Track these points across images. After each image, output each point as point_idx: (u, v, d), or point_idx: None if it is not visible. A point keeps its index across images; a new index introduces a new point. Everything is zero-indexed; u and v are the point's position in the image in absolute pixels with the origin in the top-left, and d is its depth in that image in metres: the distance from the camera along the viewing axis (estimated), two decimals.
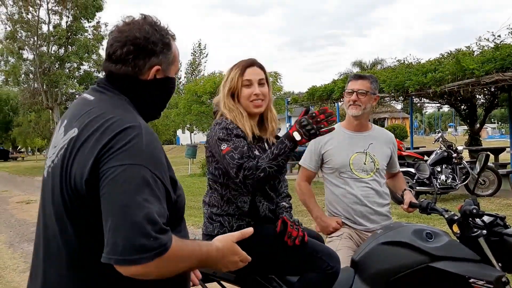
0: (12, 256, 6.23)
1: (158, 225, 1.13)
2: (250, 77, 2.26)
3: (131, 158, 1.18)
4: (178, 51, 1.50)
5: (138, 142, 1.21)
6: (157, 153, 1.25)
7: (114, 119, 1.26)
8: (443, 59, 12.25)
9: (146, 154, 1.21)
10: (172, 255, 1.16)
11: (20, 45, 28.08)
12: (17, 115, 39.92)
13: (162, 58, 1.43)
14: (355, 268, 2.33)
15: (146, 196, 1.15)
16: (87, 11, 27.67)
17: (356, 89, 2.85)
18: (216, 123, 2.22)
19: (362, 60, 43.30)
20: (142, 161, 1.19)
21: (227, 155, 2.07)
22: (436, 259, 2.19)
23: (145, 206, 1.13)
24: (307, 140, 2.07)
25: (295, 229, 2.13)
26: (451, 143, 9.65)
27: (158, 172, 1.21)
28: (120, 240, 1.10)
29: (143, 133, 1.24)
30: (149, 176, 1.18)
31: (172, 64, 1.47)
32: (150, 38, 1.39)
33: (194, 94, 20.49)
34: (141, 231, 1.10)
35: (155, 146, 1.26)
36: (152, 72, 1.41)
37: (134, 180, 1.16)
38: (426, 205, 2.55)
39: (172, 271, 1.22)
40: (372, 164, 2.85)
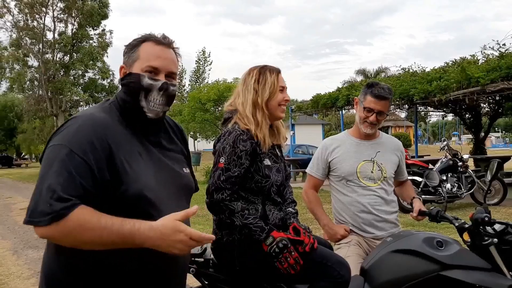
0: (16, 263, 6.21)
1: (56, 193, 1.29)
2: (282, 84, 2.30)
3: (58, 140, 1.42)
4: (151, 49, 1.59)
5: (70, 127, 1.44)
6: (86, 136, 1.40)
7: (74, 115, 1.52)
8: (448, 67, 12.26)
9: (73, 136, 1.40)
10: (72, 223, 1.30)
11: (25, 52, 28.21)
12: (22, 122, 39.98)
13: (127, 58, 1.61)
14: (365, 277, 2.30)
15: (56, 169, 1.33)
16: (92, 19, 27.83)
17: (377, 110, 2.76)
18: (229, 132, 2.18)
19: (366, 68, 43.39)
20: (65, 141, 1.39)
21: (217, 171, 2.11)
22: (447, 267, 2.16)
23: (51, 177, 1.32)
24: (268, 252, 2.03)
25: (307, 236, 2.11)
26: (457, 152, 9.61)
27: (81, 152, 1.37)
28: (30, 205, 1.33)
29: (81, 121, 1.46)
30: (65, 153, 1.36)
31: (135, 61, 1.58)
32: (127, 44, 1.64)
33: (198, 102, 20.49)
34: (42, 198, 1.30)
35: (89, 130, 1.42)
36: (119, 71, 1.63)
37: (52, 156, 1.37)
38: (436, 213, 2.53)
39: (78, 239, 1.33)
40: (379, 172, 2.82)
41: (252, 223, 2.05)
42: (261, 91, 2.25)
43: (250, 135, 2.16)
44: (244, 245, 2.11)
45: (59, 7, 27.91)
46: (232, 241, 2.13)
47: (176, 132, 1.83)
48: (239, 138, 2.13)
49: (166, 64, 1.60)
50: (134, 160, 1.49)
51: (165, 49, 1.61)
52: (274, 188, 2.19)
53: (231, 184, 2.08)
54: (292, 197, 2.41)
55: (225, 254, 2.17)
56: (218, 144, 2.20)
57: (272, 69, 2.30)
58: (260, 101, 2.24)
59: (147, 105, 1.57)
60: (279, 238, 2.03)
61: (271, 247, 2.03)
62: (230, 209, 2.07)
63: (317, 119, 39.43)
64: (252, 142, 2.15)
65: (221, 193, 2.07)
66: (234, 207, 2.07)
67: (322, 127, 41.13)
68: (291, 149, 20.98)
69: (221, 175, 2.09)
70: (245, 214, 2.06)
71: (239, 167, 2.11)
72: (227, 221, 2.08)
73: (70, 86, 28.32)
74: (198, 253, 2.23)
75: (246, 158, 2.12)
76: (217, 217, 2.17)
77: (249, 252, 2.11)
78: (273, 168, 2.21)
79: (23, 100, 34.24)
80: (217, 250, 2.20)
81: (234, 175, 2.09)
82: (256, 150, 2.16)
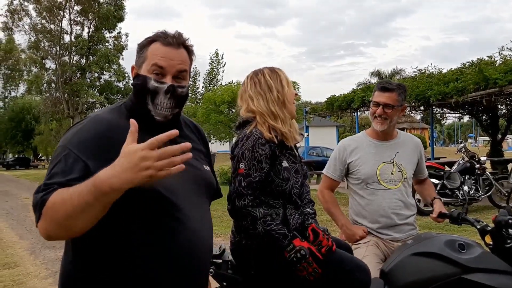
0: (33, 263, 6.28)
1: (41, 186, 1.33)
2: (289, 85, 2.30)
3: (61, 141, 1.45)
4: (158, 50, 1.53)
5: (73, 129, 1.47)
6: (86, 135, 1.42)
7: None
8: (465, 68, 12.11)
9: (73, 136, 1.43)
10: (49, 204, 1.29)
11: (43, 55, 28.62)
12: (39, 124, 40.58)
13: (137, 59, 1.58)
14: (385, 280, 2.28)
15: (51, 167, 1.38)
16: (108, 22, 28.19)
17: (382, 103, 2.74)
18: (247, 137, 2.13)
19: (381, 70, 43.06)
20: (66, 142, 1.42)
21: (237, 177, 2.08)
22: (469, 271, 2.12)
23: (48, 175, 1.36)
24: (287, 259, 2.01)
25: (326, 239, 2.09)
26: (474, 154, 9.49)
27: (77, 149, 1.38)
28: (33, 195, 1.36)
29: (85, 122, 1.48)
30: (64, 154, 1.38)
31: (143, 62, 1.54)
32: (138, 43, 1.60)
33: (212, 103, 20.57)
34: (36, 190, 1.34)
35: (89, 130, 1.44)
36: (132, 72, 1.59)
37: (53, 158, 1.42)
38: (457, 215, 2.49)
39: (56, 219, 1.28)
40: (399, 173, 2.78)
41: (274, 229, 2.02)
42: (280, 88, 2.23)
43: (269, 138, 2.13)
44: (262, 250, 2.09)
45: (76, 10, 28.28)
46: (251, 245, 2.11)
47: (194, 131, 1.79)
48: (257, 142, 2.09)
49: (173, 64, 1.52)
50: None
51: (173, 49, 1.53)
52: (294, 190, 2.16)
53: (252, 189, 2.05)
54: (309, 197, 2.38)
55: (242, 257, 2.16)
56: (236, 149, 2.16)
57: (277, 68, 2.31)
58: (281, 97, 2.22)
59: (154, 108, 1.51)
60: (299, 247, 2.01)
61: (290, 254, 2.01)
62: (252, 215, 2.03)
63: (331, 121, 39.33)
64: (271, 145, 2.12)
65: (243, 199, 2.04)
66: (256, 213, 2.03)
67: (337, 129, 40.96)
68: (305, 151, 20.93)
69: (242, 181, 2.05)
70: (267, 220, 2.03)
71: (260, 172, 2.08)
72: (250, 227, 2.05)
73: (86, 88, 28.71)
74: (217, 254, 2.22)
75: (266, 162, 2.09)
76: (239, 223, 2.14)
77: (266, 257, 2.09)
78: (291, 169, 2.18)
79: (40, 102, 34.79)
80: (236, 252, 2.19)
81: (255, 180, 2.06)
82: (275, 152, 2.13)
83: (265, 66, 2.33)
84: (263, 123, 2.17)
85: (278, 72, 2.27)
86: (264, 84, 2.24)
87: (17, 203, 14.19)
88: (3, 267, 6.03)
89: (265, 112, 2.20)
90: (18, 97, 55.25)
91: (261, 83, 2.25)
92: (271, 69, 2.29)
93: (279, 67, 2.31)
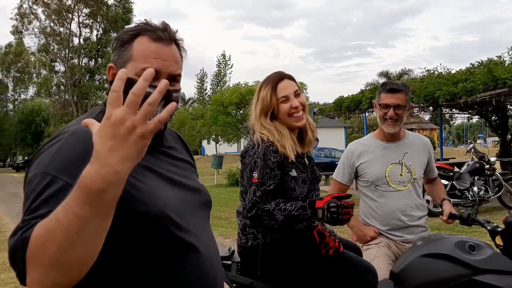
0: None
1: (18, 226, 1.00)
2: (285, 93, 2.19)
3: (35, 166, 1.13)
4: (147, 47, 1.25)
5: (50, 149, 1.14)
6: (71, 156, 1.10)
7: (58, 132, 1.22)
8: (474, 68, 12.05)
9: (53, 158, 1.10)
10: (33, 241, 0.93)
11: (52, 58, 28.89)
12: (48, 126, 40.85)
13: (115, 55, 1.28)
14: (395, 281, 2.27)
15: (31, 200, 1.04)
16: (116, 25, 28.40)
17: (393, 104, 2.70)
18: (257, 145, 2.14)
19: (389, 70, 42.91)
20: (45, 167, 1.09)
21: (252, 187, 2.07)
22: (479, 272, 2.12)
23: (26, 211, 1.04)
24: (325, 222, 2.02)
25: (332, 240, 2.09)
26: (484, 154, 9.41)
27: (64, 174, 1.06)
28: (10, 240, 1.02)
29: (65, 138, 1.14)
30: (45, 180, 1.06)
31: (127, 61, 1.24)
32: (119, 36, 1.28)
33: (220, 105, 20.62)
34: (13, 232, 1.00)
35: (74, 148, 1.11)
36: (107, 72, 1.31)
37: (32, 188, 1.07)
38: (467, 216, 2.48)
39: (50, 254, 0.91)
40: (408, 174, 2.77)
41: (291, 209, 2.01)
42: (254, 109, 2.24)
43: (276, 148, 2.12)
44: (268, 251, 2.10)
45: (85, 13, 28.50)
46: (257, 245, 2.12)
47: (178, 140, 1.56)
48: (269, 149, 2.09)
49: (167, 65, 1.26)
50: (143, 175, 1.20)
51: (164, 47, 1.27)
52: (299, 199, 2.15)
53: (266, 197, 2.05)
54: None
55: (249, 258, 2.16)
56: (247, 158, 2.15)
57: (267, 81, 2.24)
58: (257, 117, 2.22)
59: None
60: (325, 205, 1.95)
61: (326, 216, 1.95)
62: (267, 210, 2.03)
63: (339, 122, 39.25)
64: (278, 154, 2.11)
65: (257, 209, 2.04)
66: (268, 206, 2.03)
67: (345, 130, 40.89)
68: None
69: (256, 190, 2.05)
70: (281, 206, 2.03)
71: (274, 179, 2.07)
72: (271, 222, 2.03)
73: (95, 91, 28.93)
74: (226, 256, 2.23)
75: (278, 169, 2.09)
76: (263, 224, 2.08)
77: (272, 258, 2.10)
78: (299, 179, 2.16)
79: (50, 105, 35.06)
80: (242, 253, 2.20)
81: (270, 189, 2.06)
82: (284, 161, 2.12)
83: (273, 73, 2.30)
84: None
85: (262, 88, 2.24)
86: (253, 101, 2.28)
87: None
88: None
89: (257, 126, 2.23)
90: (27, 100, 55.72)
91: (254, 97, 2.29)
92: (262, 84, 2.27)
93: (279, 76, 2.26)
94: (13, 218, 11.10)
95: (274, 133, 2.15)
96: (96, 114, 1.25)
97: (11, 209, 13.13)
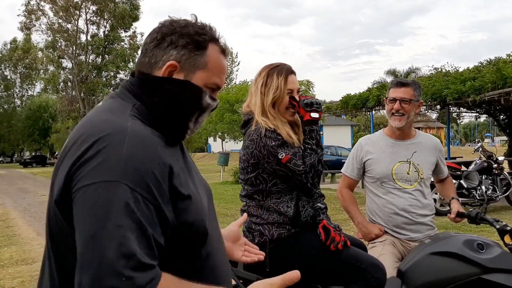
0: None
1: (134, 259, 0.88)
2: (292, 87, 2.23)
3: (104, 174, 0.94)
4: (220, 61, 1.21)
5: (115, 152, 0.97)
6: (144, 165, 0.98)
7: (93, 127, 1.03)
8: (482, 67, 11.94)
9: (126, 166, 0.95)
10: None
11: (60, 54, 29.02)
12: (56, 122, 41.21)
13: (184, 54, 1.15)
14: (402, 279, 2.26)
15: (120, 222, 0.90)
16: (124, 21, 28.48)
17: (399, 98, 2.72)
18: (261, 131, 2.15)
19: (396, 69, 42.68)
20: (118, 176, 0.94)
21: (290, 163, 2.09)
22: (488, 271, 2.10)
23: (118, 236, 0.88)
24: (321, 113, 2.23)
25: (338, 235, 2.09)
26: (492, 153, 9.36)
27: (142, 189, 0.95)
28: (86, 280, 0.87)
29: (126, 140, 0.99)
30: (127, 195, 0.92)
31: (200, 68, 1.16)
32: (177, 29, 1.15)
33: (226, 103, 20.61)
34: (110, 269, 0.86)
35: (141, 155, 0.99)
36: (165, 68, 1.14)
37: (106, 202, 0.91)
38: (475, 215, 2.46)
39: None
40: (416, 173, 2.75)
41: (313, 143, 2.20)
42: (266, 95, 2.22)
43: (276, 132, 2.15)
44: (277, 248, 2.10)
45: (92, 9, 28.59)
46: (264, 242, 2.12)
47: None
48: (276, 133, 2.15)
49: (224, 80, 1.25)
50: (186, 183, 1.11)
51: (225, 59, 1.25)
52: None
53: (304, 159, 2.14)
54: (319, 191, 2.38)
55: None
56: (257, 144, 2.15)
57: (281, 71, 2.24)
58: (265, 105, 2.21)
59: (193, 126, 1.20)
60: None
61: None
62: (320, 169, 2.22)
63: (346, 120, 39.13)
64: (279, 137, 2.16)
65: (310, 173, 2.14)
66: (317, 163, 2.19)
67: (351, 128, 40.78)
68: None
69: (296, 162, 2.11)
70: (312, 154, 2.17)
71: (295, 147, 2.17)
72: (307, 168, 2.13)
73: (102, 87, 29.05)
74: None
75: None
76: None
77: (281, 254, 2.10)
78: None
79: (57, 101, 35.26)
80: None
81: (301, 153, 2.15)
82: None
83: (278, 64, 2.30)
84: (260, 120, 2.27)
85: (274, 77, 2.25)
86: (257, 87, 2.29)
87: (35, 200, 14.39)
88: (21, 263, 6.12)
89: (255, 113, 2.28)
90: (34, 96, 56.06)
91: (257, 84, 2.31)
92: (270, 71, 2.27)
93: (288, 68, 2.29)
94: (21, 213, 11.18)
95: (278, 121, 2.20)
96: (128, 110, 1.11)
97: (19, 204, 13.24)
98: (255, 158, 2.16)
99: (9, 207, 12.57)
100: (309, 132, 2.19)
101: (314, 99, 2.21)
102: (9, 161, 63.37)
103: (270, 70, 2.25)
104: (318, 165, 2.18)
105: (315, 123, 2.20)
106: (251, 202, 2.23)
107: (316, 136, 2.20)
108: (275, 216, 2.15)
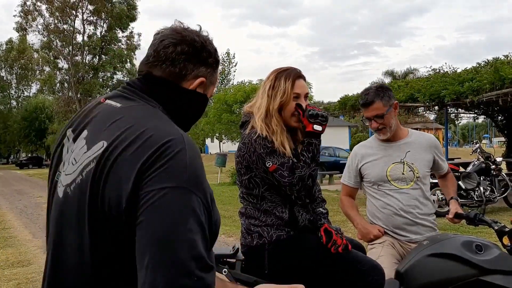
0: None
1: (203, 261, 0.95)
2: (299, 91, 2.18)
3: (173, 179, 1.00)
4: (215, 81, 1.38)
5: (181, 158, 1.02)
6: (200, 171, 1.05)
7: (152, 131, 1.07)
8: (480, 68, 11.95)
9: (190, 173, 1.02)
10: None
11: (56, 55, 28.97)
12: (52, 123, 41.03)
13: (209, 72, 1.28)
14: (400, 280, 2.25)
15: (190, 226, 0.96)
16: (121, 21, 28.41)
17: (371, 116, 2.72)
18: (252, 137, 2.13)
19: (394, 69, 42.79)
20: (185, 182, 1.00)
21: (276, 173, 2.06)
22: (486, 272, 2.09)
23: (189, 239, 0.95)
24: (325, 126, 2.17)
25: (340, 238, 2.07)
26: (490, 154, 9.36)
27: (202, 195, 1.02)
28: (160, 279, 0.92)
29: (186, 147, 1.05)
30: (193, 201, 0.99)
31: (213, 84, 1.33)
32: (207, 46, 1.26)
33: (223, 103, 20.64)
34: (184, 270, 0.93)
35: (198, 162, 1.06)
36: (197, 83, 1.24)
37: (177, 207, 0.97)
38: (473, 216, 2.44)
39: None
40: (411, 173, 2.74)
41: (309, 156, 2.13)
42: (273, 99, 2.18)
43: (268, 139, 2.11)
44: (276, 249, 2.08)
45: (89, 9, 28.56)
46: (262, 244, 2.10)
47: None
48: (268, 140, 2.10)
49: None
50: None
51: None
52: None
53: (293, 171, 2.08)
54: (321, 196, 2.36)
55: (255, 257, 2.15)
56: (248, 148, 2.13)
57: (289, 75, 2.19)
58: (271, 109, 2.16)
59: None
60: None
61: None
62: (309, 183, 2.12)
63: (343, 121, 39.18)
64: (274, 143, 2.12)
65: (295, 186, 2.07)
66: (307, 177, 2.10)
67: (349, 129, 40.82)
68: None
69: (282, 173, 2.06)
70: (305, 166, 2.11)
71: (285, 157, 2.10)
72: (304, 182, 2.09)
73: (99, 88, 29.02)
74: (230, 254, 2.21)
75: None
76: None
77: (280, 256, 2.08)
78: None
79: (53, 102, 35.18)
80: (248, 253, 2.18)
81: (289, 164, 2.08)
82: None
83: (287, 68, 2.26)
84: (255, 125, 2.21)
85: (282, 81, 2.20)
86: (265, 90, 2.24)
87: (31, 201, 14.35)
88: (17, 265, 6.09)
89: (256, 116, 2.22)
90: (31, 97, 55.98)
91: (264, 87, 2.25)
92: (278, 75, 2.22)
93: (297, 72, 2.24)
94: (17, 215, 11.13)
95: (278, 128, 2.15)
96: (159, 111, 1.18)
97: (15, 206, 13.18)
98: (247, 162, 2.15)
99: (5, 209, 12.52)
100: (307, 145, 2.14)
101: (320, 112, 2.15)
102: (5, 162, 63.21)
103: (279, 73, 2.21)
104: (308, 179, 2.09)
105: (316, 136, 2.15)
106: (247, 205, 2.22)
107: (313, 149, 2.13)
108: (273, 218, 2.13)
